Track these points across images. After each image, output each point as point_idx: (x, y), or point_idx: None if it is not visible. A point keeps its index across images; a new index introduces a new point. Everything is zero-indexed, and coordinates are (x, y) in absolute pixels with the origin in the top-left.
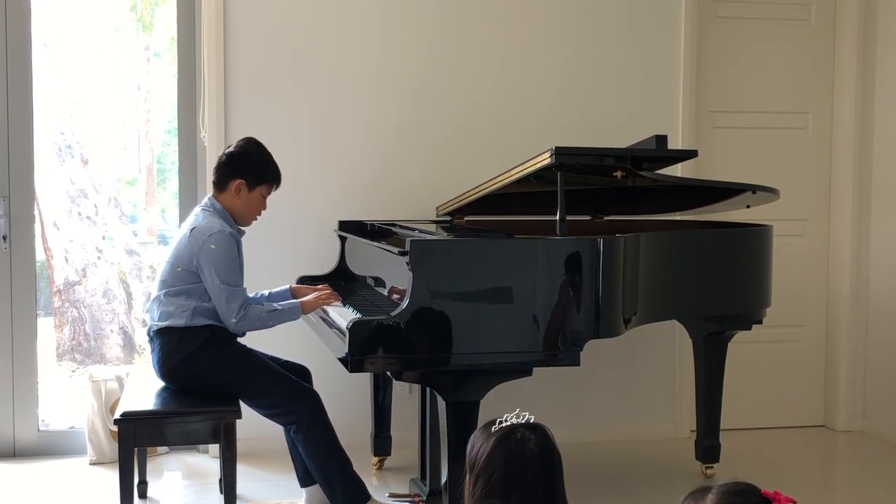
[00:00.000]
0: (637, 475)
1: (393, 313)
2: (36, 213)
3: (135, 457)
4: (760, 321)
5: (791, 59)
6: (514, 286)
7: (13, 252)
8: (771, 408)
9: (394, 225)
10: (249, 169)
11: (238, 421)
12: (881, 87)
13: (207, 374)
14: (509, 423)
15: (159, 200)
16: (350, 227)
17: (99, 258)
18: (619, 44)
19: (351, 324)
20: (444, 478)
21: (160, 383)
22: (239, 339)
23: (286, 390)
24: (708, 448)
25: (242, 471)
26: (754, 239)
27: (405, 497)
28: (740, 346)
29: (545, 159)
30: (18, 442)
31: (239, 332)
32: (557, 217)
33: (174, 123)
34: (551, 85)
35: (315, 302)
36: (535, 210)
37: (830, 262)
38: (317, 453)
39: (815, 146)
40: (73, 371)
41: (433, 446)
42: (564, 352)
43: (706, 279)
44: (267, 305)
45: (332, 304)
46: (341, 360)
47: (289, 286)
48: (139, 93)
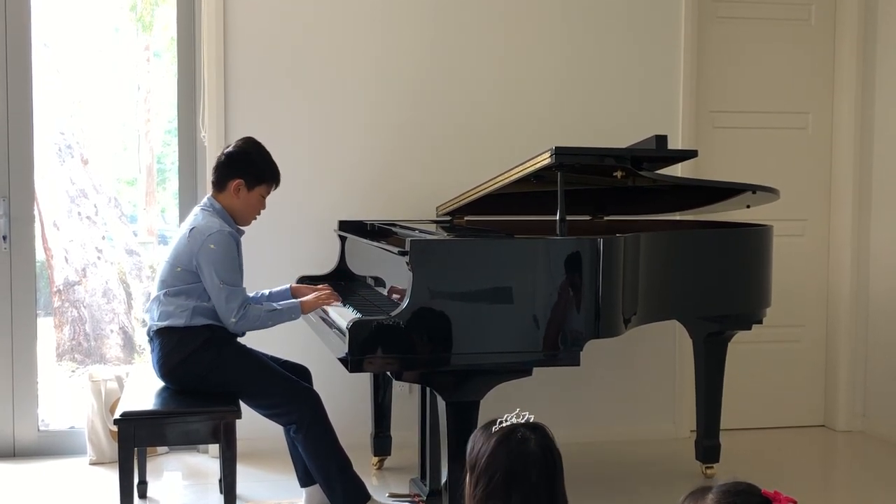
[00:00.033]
0: (637, 475)
1: (393, 313)
2: (36, 214)
3: (135, 457)
4: (760, 321)
5: (791, 59)
6: (514, 286)
7: (13, 252)
8: (771, 408)
9: (394, 225)
10: (248, 169)
11: (238, 421)
12: (881, 87)
13: (207, 374)
14: (510, 423)
15: (159, 200)
16: (350, 227)
17: (99, 258)
18: (619, 44)
19: (351, 324)
20: (444, 478)
21: (160, 383)
22: (239, 339)
23: (286, 390)
24: (708, 448)
25: (242, 471)
26: (754, 239)
27: (405, 497)
28: (740, 346)
29: (545, 159)
30: (18, 442)
31: (238, 332)
32: (557, 217)
33: (174, 123)
34: (551, 85)
35: (315, 302)
36: (535, 210)
37: (830, 262)
38: (317, 453)
39: (815, 146)
40: (73, 371)
41: (433, 446)
42: (564, 352)
43: (706, 279)
44: (266, 305)
45: (332, 304)
46: (341, 360)
47: (289, 286)
48: (139, 93)
